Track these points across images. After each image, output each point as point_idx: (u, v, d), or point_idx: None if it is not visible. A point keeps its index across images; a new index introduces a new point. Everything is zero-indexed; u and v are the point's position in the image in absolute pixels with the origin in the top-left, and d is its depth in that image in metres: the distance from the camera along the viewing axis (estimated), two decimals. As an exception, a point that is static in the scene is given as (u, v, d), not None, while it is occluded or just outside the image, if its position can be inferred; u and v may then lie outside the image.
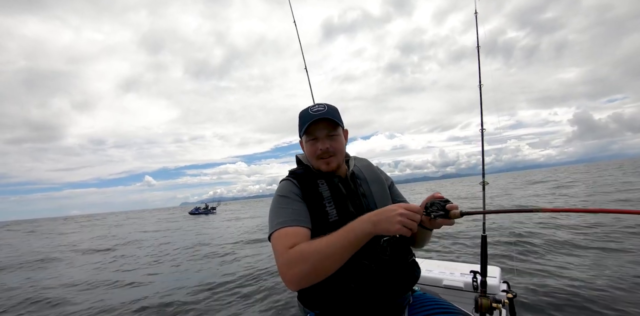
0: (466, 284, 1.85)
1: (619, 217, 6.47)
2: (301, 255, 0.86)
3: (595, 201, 10.25)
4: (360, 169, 1.24)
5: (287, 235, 0.95)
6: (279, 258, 0.92)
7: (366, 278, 1.00)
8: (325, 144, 1.10)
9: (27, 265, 8.53)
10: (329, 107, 1.13)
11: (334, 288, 1.00)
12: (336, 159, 1.13)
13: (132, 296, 4.61)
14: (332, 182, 1.13)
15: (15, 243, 16.28)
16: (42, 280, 6.40)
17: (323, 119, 1.08)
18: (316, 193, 1.09)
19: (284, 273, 0.88)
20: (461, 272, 1.98)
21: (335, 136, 1.12)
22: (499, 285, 1.81)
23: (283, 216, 1.01)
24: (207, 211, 37.90)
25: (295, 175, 1.16)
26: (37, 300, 4.85)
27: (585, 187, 15.78)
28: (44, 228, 32.91)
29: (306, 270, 0.85)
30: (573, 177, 28.19)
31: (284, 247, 0.91)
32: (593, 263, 4.03)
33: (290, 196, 1.07)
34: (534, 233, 6.02)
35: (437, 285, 1.93)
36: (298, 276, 0.86)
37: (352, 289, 0.99)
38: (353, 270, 0.98)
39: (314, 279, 0.86)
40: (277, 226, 0.98)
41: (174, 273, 6.06)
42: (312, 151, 1.13)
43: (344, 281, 0.99)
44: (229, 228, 14.49)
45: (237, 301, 4.03)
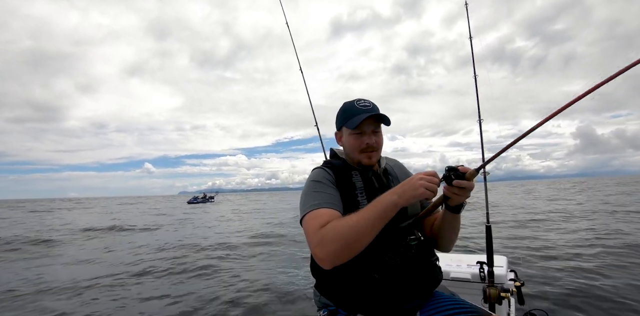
0: (473, 275, 1.84)
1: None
2: (333, 232, 0.89)
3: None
4: (392, 167, 1.28)
5: (321, 215, 0.97)
6: (311, 238, 0.93)
7: (390, 271, 1.01)
8: (372, 139, 1.13)
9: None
10: (374, 105, 1.16)
11: (357, 277, 1.01)
12: (377, 154, 1.17)
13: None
14: (366, 175, 1.16)
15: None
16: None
17: (373, 115, 1.11)
18: (349, 183, 1.12)
19: (316, 253, 0.90)
20: (467, 263, 1.97)
21: (379, 132, 1.16)
22: (506, 274, 1.81)
23: (317, 199, 1.03)
24: (205, 200, 38.01)
25: (331, 164, 1.19)
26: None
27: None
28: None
29: (340, 247, 0.87)
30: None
31: (317, 227, 0.93)
32: (600, 254, 4.09)
33: (324, 182, 1.10)
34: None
35: (444, 278, 1.88)
36: (333, 255, 0.88)
37: (375, 280, 1.00)
38: (378, 262, 1.00)
39: (347, 255, 0.88)
40: (310, 208, 1.00)
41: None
42: (356, 144, 1.15)
43: (368, 271, 1.00)
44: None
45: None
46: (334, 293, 1.08)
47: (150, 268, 5.12)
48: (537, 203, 15.06)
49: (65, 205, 39.46)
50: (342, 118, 1.17)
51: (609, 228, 6.66)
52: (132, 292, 3.96)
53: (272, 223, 11.91)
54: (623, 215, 9.08)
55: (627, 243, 5.04)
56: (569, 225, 7.62)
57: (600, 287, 3.12)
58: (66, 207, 34.16)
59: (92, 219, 16.45)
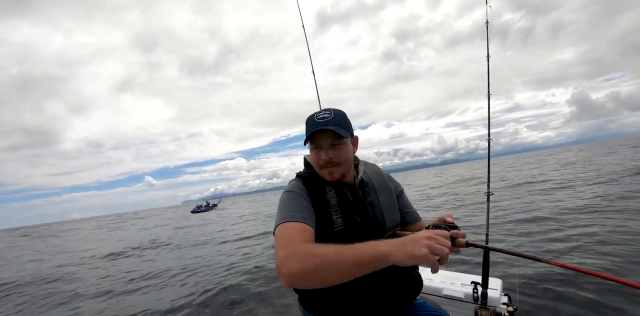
0: (466, 295, 1.81)
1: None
2: (305, 252, 0.80)
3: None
4: (370, 176, 1.19)
5: (294, 228, 0.91)
6: (280, 249, 0.85)
7: (368, 289, 0.99)
8: (328, 154, 1.06)
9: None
10: (335, 114, 1.08)
11: (335, 295, 0.99)
12: (340, 169, 1.08)
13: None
14: (340, 190, 1.09)
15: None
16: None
17: (326, 129, 1.03)
18: (323, 200, 1.05)
19: (280, 266, 0.80)
20: (462, 282, 1.94)
21: (340, 145, 1.07)
22: (499, 298, 1.77)
23: (291, 210, 0.98)
24: (209, 208, 38.35)
25: (302, 178, 1.13)
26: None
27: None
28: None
29: (305, 269, 0.76)
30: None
31: (289, 240, 0.87)
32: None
33: (300, 193, 1.05)
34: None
35: (437, 295, 1.90)
36: (295, 274, 0.77)
37: (353, 299, 0.98)
38: (355, 280, 0.90)
39: (309, 282, 0.77)
40: (283, 219, 0.95)
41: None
42: (315, 160, 1.10)
43: (346, 290, 0.98)
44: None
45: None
46: (316, 309, 1.06)
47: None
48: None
49: (88, 225, 39.09)
50: (306, 133, 1.11)
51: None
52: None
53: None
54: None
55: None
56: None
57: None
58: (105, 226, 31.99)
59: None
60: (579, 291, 3.45)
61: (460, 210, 8.93)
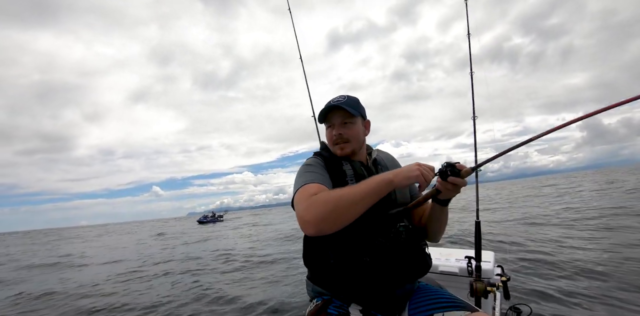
0: (461, 269, 1.85)
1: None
2: (324, 197, 0.89)
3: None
4: (383, 158, 1.31)
5: (311, 187, 0.99)
6: (300, 204, 0.93)
7: (381, 254, 1.02)
8: (339, 130, 1.17)
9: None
10: (349, 98, 1.20)
11: (349, 261, 1.02)
12: (350, 145, 1.19)
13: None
14: (355, 164, 1.19)
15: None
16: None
17: (337, 107, 1.16)
18: (340, 170, 1.15)
19: (303, 215, 0.88)
20: (456, 258, 1.98)
21: (350, 124, 1.18)
22: (493, 269, 1.81)
23: (308, 177, 1.06)
24: (215, 219, 38.31)
25: (321, 155, 1.23)
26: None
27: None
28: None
29: (328, 209, 0.86)
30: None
31: (308, 194, 0.94)
32: (588, 241, 3.98)
33: (315, 165, 1.15)
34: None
35: (433, 271, 1.92)
36: (319, 216, 0.86)
37: (366, 263, 1.01)
38: (368, 245, 1.02)
39: (334, 220, 0.86)
40: (302, 184, 1.02)
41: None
42: (329, 137, 1.22)
43: (359, 254, 1.02)
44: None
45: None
46: (327, 282, 1.09)
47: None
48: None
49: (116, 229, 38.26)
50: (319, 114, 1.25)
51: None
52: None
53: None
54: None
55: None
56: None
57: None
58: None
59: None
60: (568, 260, 3.50)
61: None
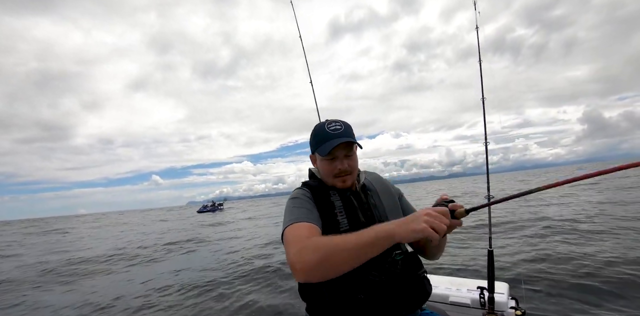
0: (473, 301, 1.79)
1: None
2: (316, 244, 0.84)
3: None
4: (371, 182, 1.25)
5: (301, 227, 0.95)
6: (291, 247, 0.88)
7: (375, 290, 0.98)
8: (344, 164, 1.11)
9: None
10: (346, 126, 1.14)
11: (343, 298, 0.99)
12: (352, 177, 1.15)
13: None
14: (344, 194, 1.14)
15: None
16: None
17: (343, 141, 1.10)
18: (328, 203, 1.11)
19: (293, 262, 0.84)
20: (468, 288, 1.91)
21: (352, 155, 1.14)
22: (507, 302, 1.75)
23: (296, 214, 1.02)
24: (215, 208, 38.59)
25: (308, 186, 1.18)
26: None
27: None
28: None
29: (318, 259, 0.80)
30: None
31: (299, 237, 0.90)
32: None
33: (303, 198, 1.10)
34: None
35: (443, 302, 1.87)
36: (309, 265, 0.81)
37: (361, 300, 0.97)
38: (362, 281, 0.98)
39: (324, 271, 0.81)
40: (292, 221, 0.98)
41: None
42: (329, 170, 1.14)
43: (353, 292, 0.98)
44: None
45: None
46: (323, 314, 1.06)
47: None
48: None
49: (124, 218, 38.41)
50: (314, 144, 1.17)
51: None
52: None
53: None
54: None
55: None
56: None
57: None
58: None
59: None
60: (586, 289, 3.46)
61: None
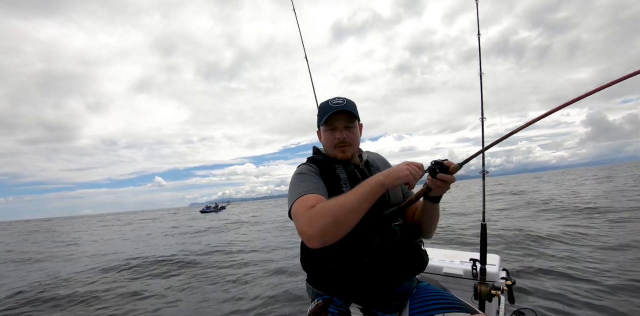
0: (466, 272, 1.85)
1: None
2: (322, 209, 0.91)
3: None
4: (374, 160, 1.33)
5: (308, 199, 1.00)
6: (299, 218, 0.94)
7: (378, 254, 1.05)
8: (343, 134, 1.18)
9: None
10: (348, 101, 1.21)
11: (347, 263, 1.05)
12: (351, 149, 1.21)
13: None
14: (348, 168, 1.20)
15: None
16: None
17: (342, 111, 1.17)
18: (334, 175, 1.16)
19: (305, 231, 0.90)
20: (461, 260, 1.98)
21: (352, 128, 1.21)
22: (498, 273, 1.81)
23: (303, 187, 1.06)
24: (217, 209, 39.10)
25: (314, 160, 1.23)
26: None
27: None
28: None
29: (328, 222, 0.88)
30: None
31: (305, 208, 0.95)
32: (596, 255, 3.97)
33: (308, 173, 1.15)
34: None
35: (437, 273, 1.94)
36: (320, 230, 0.88)
37: (364, 263, 1.04)
38: (365, 246, 1.05)
39: (335, 231, 0.89)
40: (298, 195, 1.03)
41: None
42: (330, 140, 1.21)
43: (357, 256, 1.04)
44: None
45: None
46: (326, 284, 1.11)
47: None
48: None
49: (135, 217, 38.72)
50: (319, 117, 1.24)
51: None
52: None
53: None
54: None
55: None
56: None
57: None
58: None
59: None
60: (574, 264, 3.51)
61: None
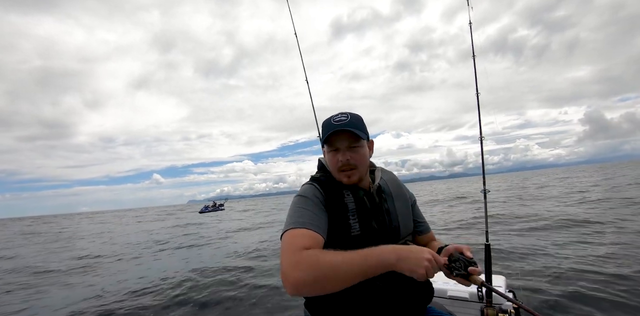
0: (471, 294, 1.81)
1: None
2: (313, 260, 0.79)
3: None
4: (387, 183, 1.18)
5: (303, 235, 0.87)
6: (287, 256, 0.82)
7: (378, 295, 0.96)
8: (346, 156, 1.03)
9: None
10: (352, 117, 1.06)
11: (345, 302, 0.96)
12: (358, 172, 1.05)
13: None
14: (358, 195, 1.07)
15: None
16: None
17: (344, 130, 1.02)
18: (341, 204, 1.03)
19: (287, 274, 0.79)
20: None
21: (357, 148, 1.05)
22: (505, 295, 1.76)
23: (303, 217, 0.93)
24: (216, 208, 38.77)
25: (319, 181, 1.08)
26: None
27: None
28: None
29: (312, 277, 0.76)
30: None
31: (297, 247, 0.83)
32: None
33: (313, 199, 1.00)
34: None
35: (442, 296, 1.88)
36: (301, 281, 0.77)
37: (379, 287, 0.95)
38: (366, 289, 0.94)
39: (315, 290, 0.78)
40: (295, 225, 0.91)
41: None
42: (333, 162, 1.07)
43: (355, 296, 0.94)
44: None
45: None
46: (330, 309, 1.01)
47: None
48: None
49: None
50: (322, 136, 1.10)
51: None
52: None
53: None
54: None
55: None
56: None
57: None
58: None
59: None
60: (581, 287, 3.47)
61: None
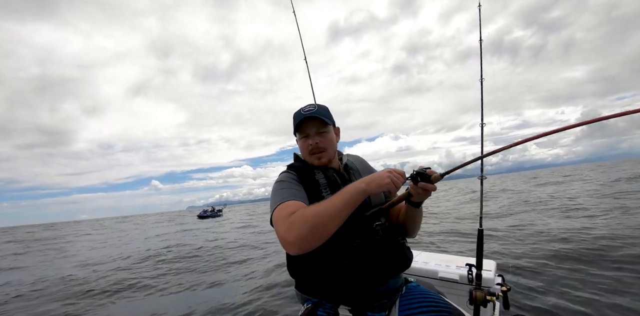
0: (461, 276, 1.86)
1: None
2: (302, 216, 0.91)
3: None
4: (353, 162, 1.34)
5: (287, 206, 1.00)
6: (279, 225, 0.95)
7: (360, 255, 1.06)
8: (315, 140, 1.20)
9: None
10: (319, 107, 1.24)
11: (330, 266, 1.06)
12: (327, 154, 1.22)
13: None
14: (328, 172, 1.22)
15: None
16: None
17: (312, 118, 1.18)
18: (313, 181, 1.18)
19: (285, 237, 0.91)
20: (457, 265, 1.99)
21: (325, 133, 1.22)
22: (494, 278, 1.82)
23: (283, 195, 1.07)
24: (214, 214, 38.73)
25: (293, 167, 1.25)
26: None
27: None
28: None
29: (307, 229, 0.88)
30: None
31: (286, 215, 0.95)
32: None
33: (288, 180, 1.16)
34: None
35: (432, 277, 1.95)
36: (300, 237, 0.88)
37: (347, 265, 1.05)
38: (347, 249, 1.06)
39: (315, 238, 0.89)
40: (278, 203, 1.04)
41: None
42: (304, 147, 1.24)
43: (339, 259, 1.05)
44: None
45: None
46: (313, 288, 1.13)
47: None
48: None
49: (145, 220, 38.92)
50: (294, 125, 1.25)
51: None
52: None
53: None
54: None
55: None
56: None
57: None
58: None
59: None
60: (569, 271, 3.54)
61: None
